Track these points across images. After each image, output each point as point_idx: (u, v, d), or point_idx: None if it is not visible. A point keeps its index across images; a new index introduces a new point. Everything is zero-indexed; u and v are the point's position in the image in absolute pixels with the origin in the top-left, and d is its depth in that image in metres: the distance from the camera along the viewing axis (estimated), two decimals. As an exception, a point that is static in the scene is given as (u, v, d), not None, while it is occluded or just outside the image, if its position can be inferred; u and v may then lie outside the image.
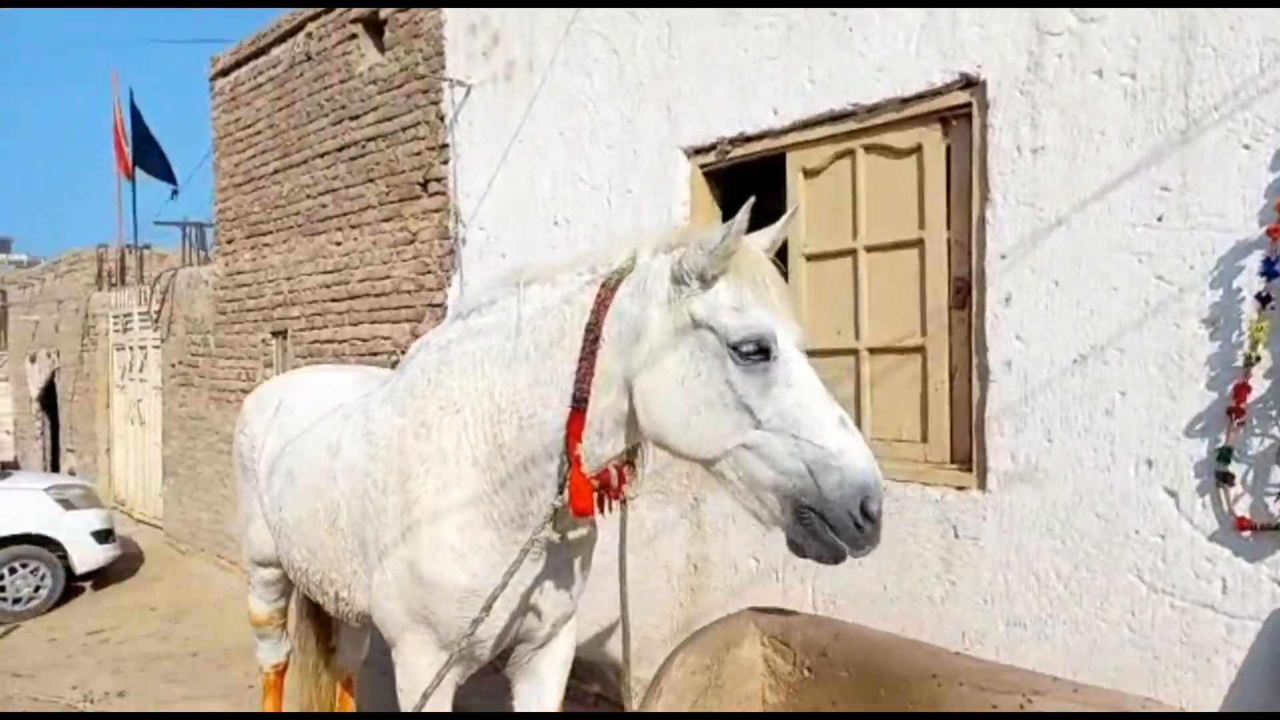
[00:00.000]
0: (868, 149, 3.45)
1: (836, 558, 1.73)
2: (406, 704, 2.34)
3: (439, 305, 5.53)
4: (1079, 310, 2.79)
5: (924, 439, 3.33)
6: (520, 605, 2.28)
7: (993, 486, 3.02)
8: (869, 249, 3.48)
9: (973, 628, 3.07)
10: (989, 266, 3.01)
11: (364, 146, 6.24)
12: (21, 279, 15.84)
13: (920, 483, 3.26)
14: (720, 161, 3.94)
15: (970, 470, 3.13)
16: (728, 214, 4.27)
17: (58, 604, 7.47)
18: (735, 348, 1.72)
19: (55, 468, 13.37)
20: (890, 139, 3.36)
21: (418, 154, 5.73)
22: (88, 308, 11.65)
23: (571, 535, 2.23)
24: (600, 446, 2.00)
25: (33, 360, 14.07)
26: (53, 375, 13.27)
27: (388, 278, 6.02)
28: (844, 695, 1.97)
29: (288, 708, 3.75)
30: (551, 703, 2.53)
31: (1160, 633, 2.65)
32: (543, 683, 2.54)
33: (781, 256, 3.78)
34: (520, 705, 2.57)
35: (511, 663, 2.54)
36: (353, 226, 6.39)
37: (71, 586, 7.67)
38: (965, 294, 3.17)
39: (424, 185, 5.69)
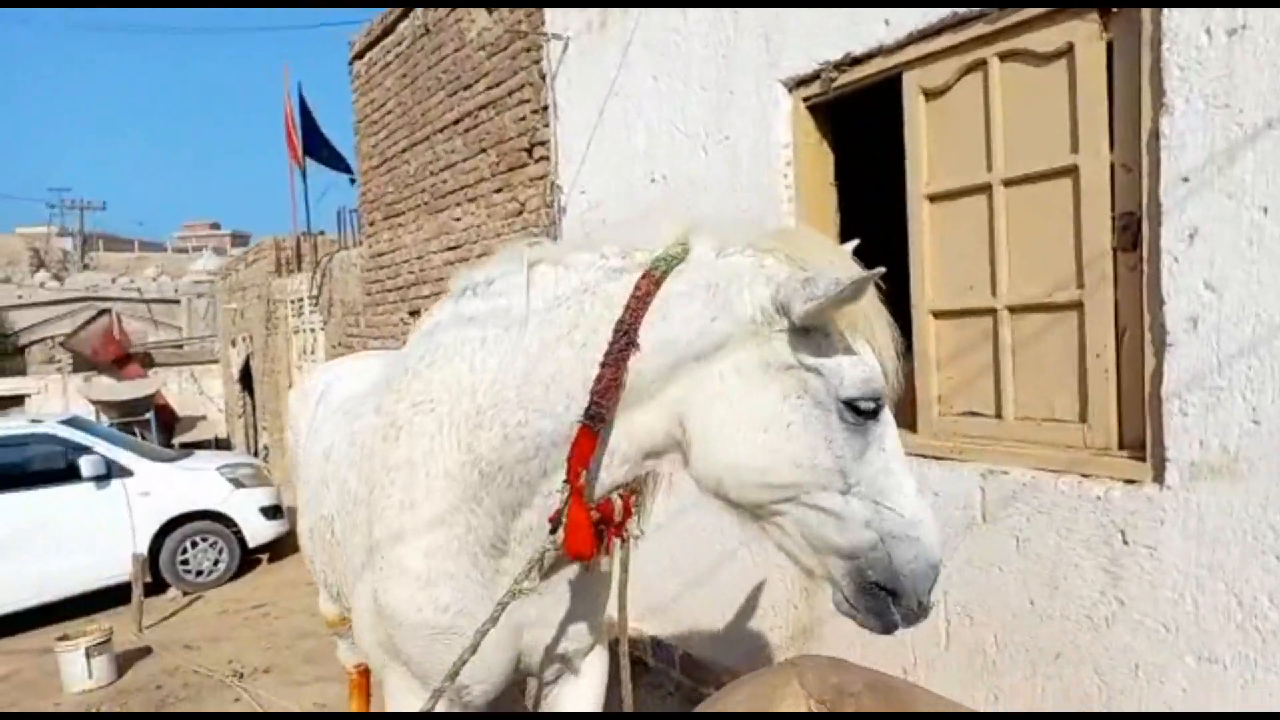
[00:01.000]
0: (1003, 56, 2.75)
1: (887, 630, 1.51)
2: None
3: (548, 277, 5.25)
4: (1298, 244, 2.03)
5: (1082, 419, 2.64)
6: (517, 643, 1.91)
7: (1173, 481, 2.31)
8: (1008, 183, 2.79)
9: (1149, 660, 2.40)
10: (1166, 195, 2.28)
11: (476, 116, 6.05)
12: (222, 269, 17.36)
13: (1078, 474, 2.59)
14: (826, 92, 3.34)
15: (1143, 459, 2.43)
16: (840, 155, 3.69)
17: (235, 575, 8.00)
18: (850, 403, 1.43)
19: (256, 444, 14.61)
20: (1032, 41, 2.65)
21: (523, 119, 5.46)
22: (269, 294, 12.50)
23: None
24: (610, 473, 1.63)
25: (233, 344, 15.41)
26: (248, 358, 14.44)
27: (502, 251, 5.82)
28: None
29: (374, 708, 3.63)
30: None
31: None
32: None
33: (900, 200, 3.18)
34: None
35: (529, 697, 2.19)
36: (469, 200, 6.26)
37: (248, 559, 8.20)
38: (1135, 232, 2.44)
39: (529, 151, 5.42)
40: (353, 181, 8.87)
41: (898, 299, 3.21)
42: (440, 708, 1.97)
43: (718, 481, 1.51)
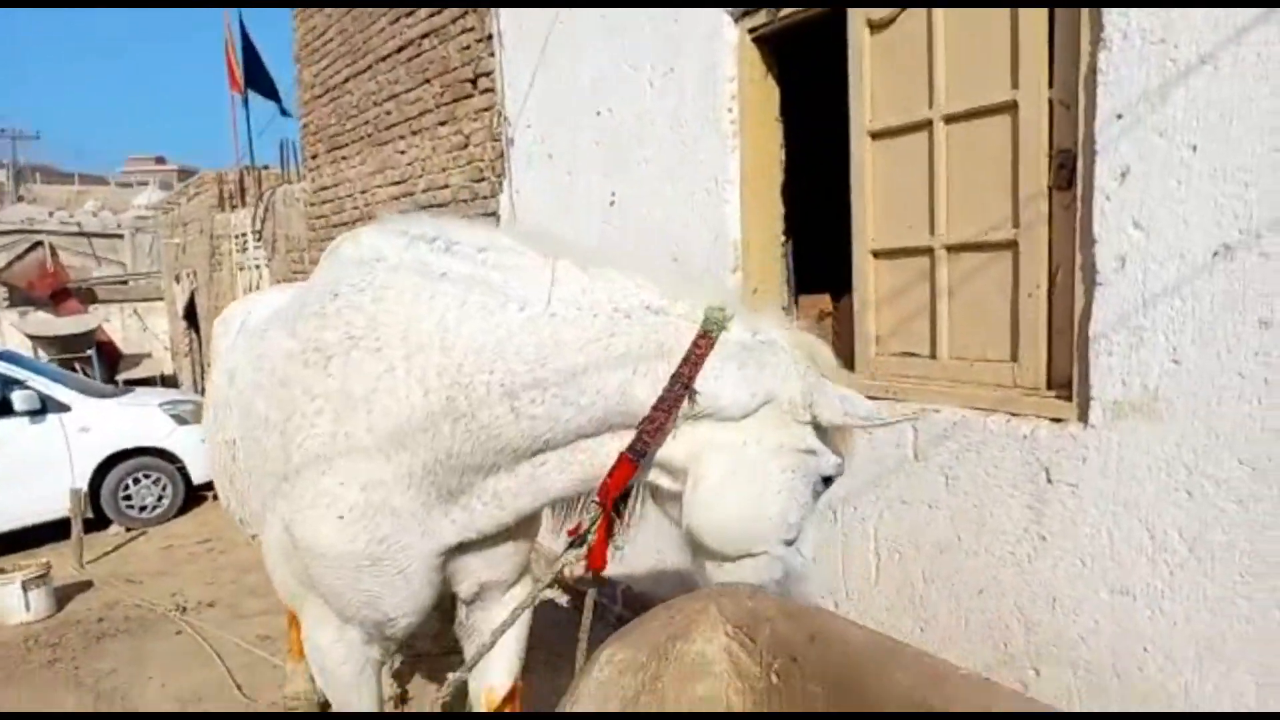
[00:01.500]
0: (948, -12, 2.68)
1: None
2: (317, 677, 2.04)
3: (493, 214, 5.13)
4: (1225, 183, 2.02)
5: (1013, 358, 2.66)
6: (442, 569, 1.89)
7: (1096, 420, 2.34)
8: (949, 119, 2.75)
9: (1065, 593, 2.46)
10: (1100, 132, 2.26)
11: (419, 45, 5.82)
12: (163, 204, 16.74)
13: (1006, 413, 2.61)
14: (771, 23, 3.24)
15: (1069, 399, 2.45)
16: (785, 92, 3.61)
17: (180, 511, 7.91)
18: (827, 480, 1.80)
19: (202, 381, 14.29)
20: (976, -29, 2.59)
21: (467, 48, 5.26)
22: (212, 229, 12.10)
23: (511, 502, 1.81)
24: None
25: (177, 280, 14.95)
26: (192, 294, 14.04)
27: (446, 186, 5.67)
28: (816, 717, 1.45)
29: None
30: (500, 678, 2.16)
31: (1322, 620, 1.97)
32: (489, 652, 2.10)
33: (843, 135, 3.13)
34: (467, 668, 2.18)
35: (457, 622, 2.18)
36: (414, 133, 6.05)
37: (194, 495, 8.09)
38: (1070, 171, 2.42)
39: (474, 82, 5.24)
40: (284, 113, 8.54)
41: (841, 239, 3.20)
42: (361, 643, 1.95)
43: (701, 528, 1.71)
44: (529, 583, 2.18)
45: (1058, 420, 2.47)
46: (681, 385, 1.63)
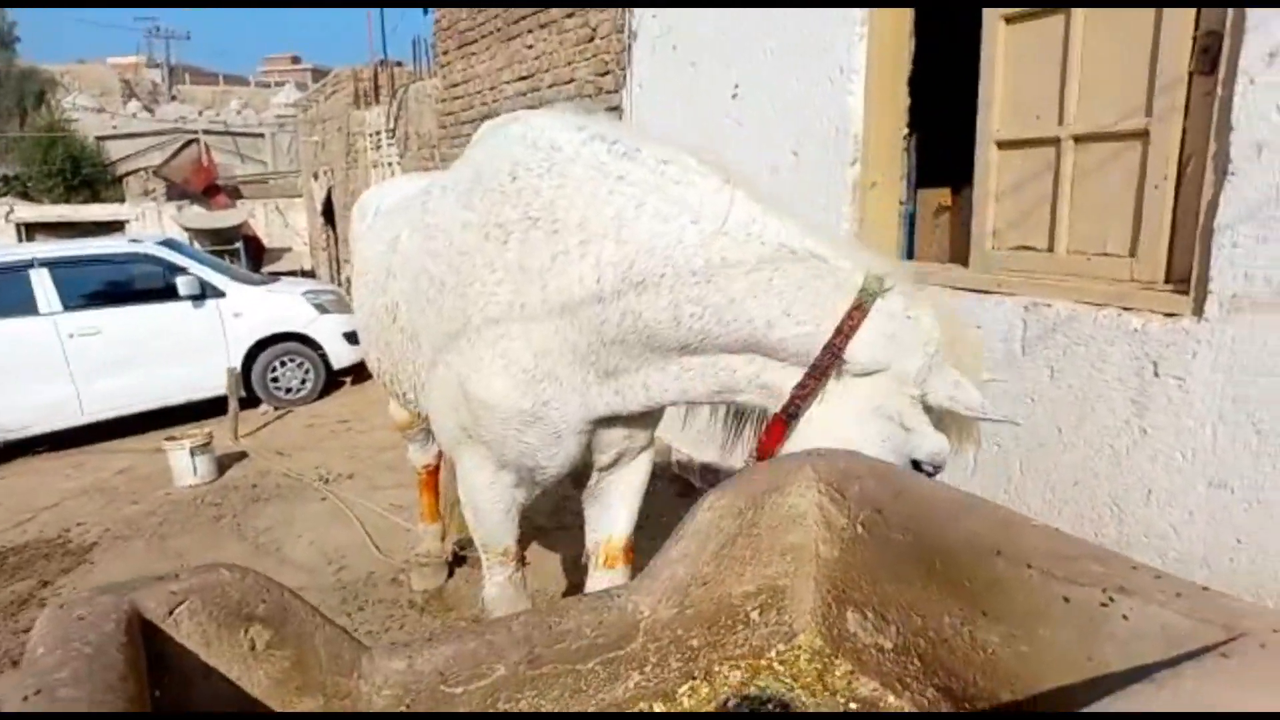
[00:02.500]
0: None
1: None
2: (468, 514, 2.29)
3: (616, 109, 5.22)
4: (1379, 64, 1.93)
5: (1132, 253, 2.62)
6: (590, 434, 2.08)
7: (1211, 314, 2.31)
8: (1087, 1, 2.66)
9: (1161, 486, 2.49)
10: (1250, 10, 2.16)
11: (548, -66, 5.85)
12: (303, 102, 17.51)
13: (1118, 307, 2.59)
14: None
15: (1186, 293, 2.42)
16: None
17: (321, 394, 8.58)
18: (915, 464, 1.74)
19: (339, 275, 15.20)
20: None
21: (596, -65, 5.27)
22: (348, 127, 12.64)
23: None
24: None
25: (315, 178, 15.76)
26: (329, 191, 14.80)
27: (571, 80, 5.78)
28: (896, 562, 1.60)
29: (443, 504, 3.99)
30: (620, 530, 2.39)
31: None
32: (610, 508, 2.39)
33: (975, 18, 3.05)
34: (589, 528, 2.45)
35: (585, 487, 2.40)
36: (541, 26, 6.15)
37: (333, 380, 8.76)
38: (1215, 55, 2.33)
39: (602, -31, 5.26)
40: (426, 10, 8.71)
41: (965, 130, 3.15)
42: (511, 484, 2.17)
43: None
44: (652, 451, 2.39)
45: (1171, 315, 2.45)
46: (831, 354, 1.69)
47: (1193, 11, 2.37)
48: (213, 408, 7.73)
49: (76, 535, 5.20)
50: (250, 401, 8.17)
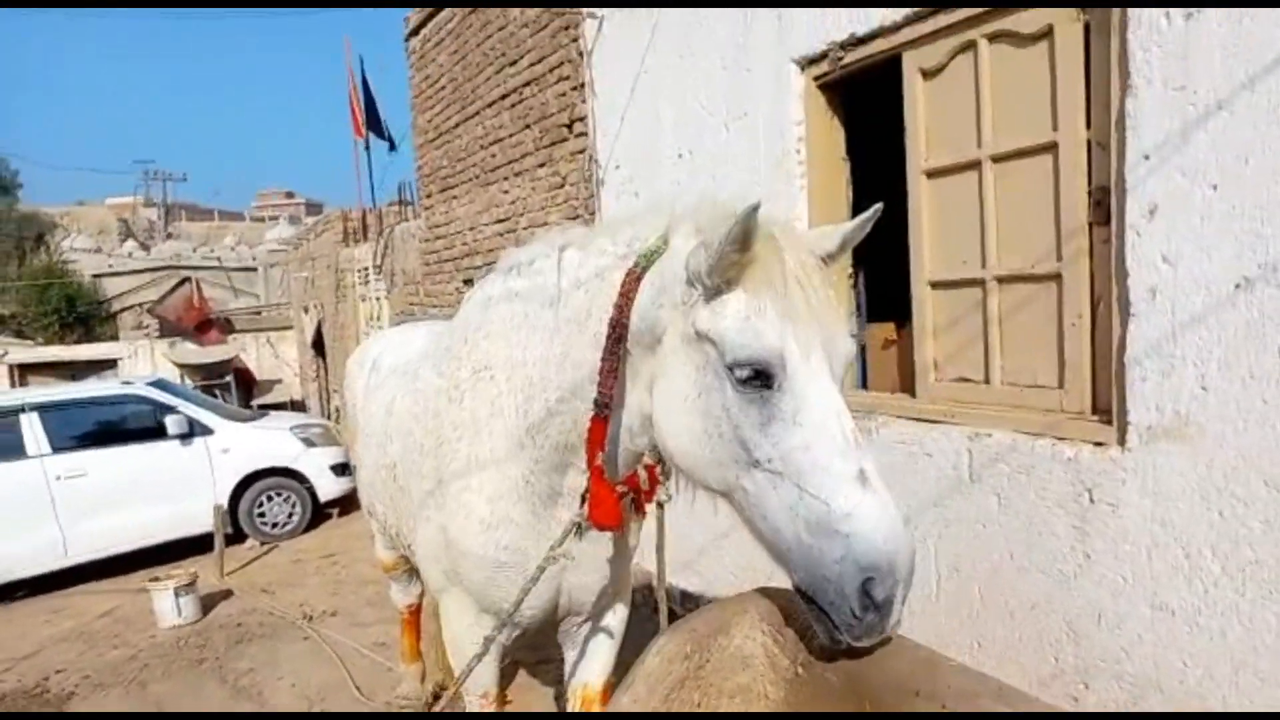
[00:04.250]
0: (991, 37, 2.87)
1: (833, 644, 1.44)
2: (451, 657, 2.37)
3: (586, 248, 5.50)
4: (1243, 220, 2.15)
5: (1060, 384, 2.79)
6: (565, 580, 2.18)
7: (1133, 443, 2.46)
8: (996, 159, 2.93)
9: (1110, 609, 2.57)
10: (1130, 172, 2.41)
11: (521, 93, 6.31)
12: (293, 240, 18.12)
13: (1053, 436, 2.74)
14: (834, 71, 3.49)
15: (1110, 423, 2.58)
16: (850, 134, 3.83)
17: (308, 528, 8.58)
18: (731, 369, 1.43)
19: (328, 406, 15.34)
20: (1016, 22, 2.77)
21: (563, 95, 5.70)
22: (337, 264, 13.07)
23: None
24: (635, 444, 1.78)
25: (305, 311, 16.14)
26: (320, 324, 15.14)
27: (545, 223, 6.10)
28: (833, 702, 1.69)
29: (425, 644, 4.00)
30: (596, 676, 2.45)
31: (1350, 637, 2.04)
32: (586, 655, 2.46)
33: (900, 176, 3.33)
34: (567, 671, 2.52)
35: (562, 631, 2.46)
36: (516, 175, 6.54)
37: (319, 513, 8.78)
38: (1108, 207, 2.57)
39: (570, 126, 5.66)
40: (392, 148, 9.24)
41: (902, 272, 3.38)
42: (491, 626, 2.17)
43: (670, 456, 1.63)
44: (629, 596, 2.47)
45: (1099, 444, 2.60)
46: (614, 328, 1.62)
47: (1085, 169, 2.63)
48: (200, 544, 7.71)
49: (55, 684, 5.14)
50: (237, 537, 8.18)
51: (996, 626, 2.97)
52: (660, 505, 1.86)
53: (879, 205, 1.57)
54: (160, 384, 8.91)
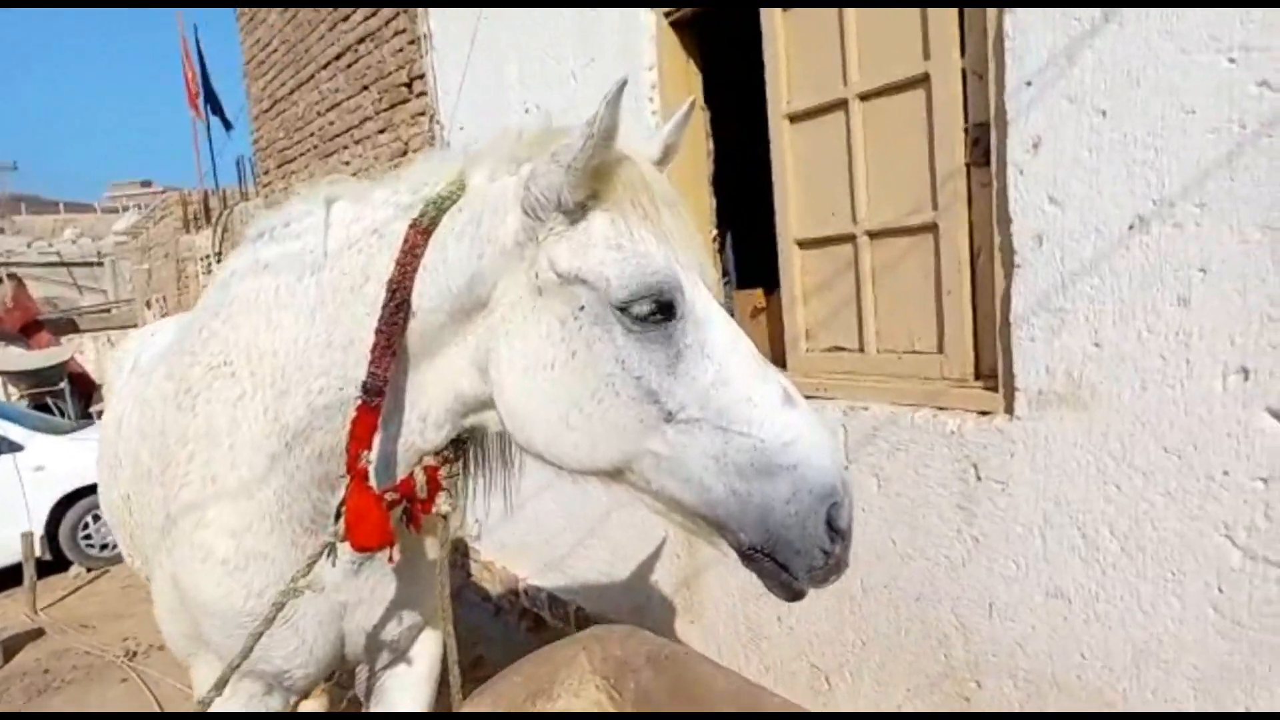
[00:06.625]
0: (854, -42, 2.53)
1: (794, 598, 1.22)
2: None
3: (433, 221, 4.96)
4: (1135, 149, 1.87)
5: (940, 349, 2.49)
6: (340, 625, 1.70)
7: (1022, 411, 2.18)
8: (863, 96, 2.59)
9: (1001, 598, 2.30)
10: (1010, 100, 2.10)
11: (356, 50, 5.67)
12: (132, 229, 16.57)
13: (933, 407, 2.45)
14: (684, 4, 3.09)
15: (996, 390, 2.29)
16: (713, 81, 3.46)
17: (144, 548, 7.67)
18: (624, 308, 1.17)
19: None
20: (881, -62, 2.43)
21: (400, 50, 5.11)
22: (177, 252, 11.94)
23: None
24: (424, 439, 1.43)
25: (149, 306, 14.78)
26: (164, 319, 13.87)
27: (388, 195, 5.51)
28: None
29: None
30: None
31: (1259, 617, 1.80)
32: (395, 707, 1.96)
33: (760, 121, 2.97)
34: None
35: (358, 683, 1.99)
36: (356, 142, 5.90)
37: (157, 529, 7.87)
38: (986, 145, 2.27)
39: (409, 85, 5.09)
40: (227, 127, 8.43)
41: (771, 234, 3.04)
42: (260, 694, 1.76)
43: (531, 446, 1.29)
44: (437, 633, 1.96)
45: (985, 413, 2.31)
46: (393, 293, 1.30)
47: (960, 103, 2.32)
48: (13, 576, 6.69)
49: None
50: (59, 564, 7.22)
51: (880, 621, 2.67)
52: (444, 518, 1.46)
53: (692, 98, 1.32)
54: (-48, 397, 7.81)
